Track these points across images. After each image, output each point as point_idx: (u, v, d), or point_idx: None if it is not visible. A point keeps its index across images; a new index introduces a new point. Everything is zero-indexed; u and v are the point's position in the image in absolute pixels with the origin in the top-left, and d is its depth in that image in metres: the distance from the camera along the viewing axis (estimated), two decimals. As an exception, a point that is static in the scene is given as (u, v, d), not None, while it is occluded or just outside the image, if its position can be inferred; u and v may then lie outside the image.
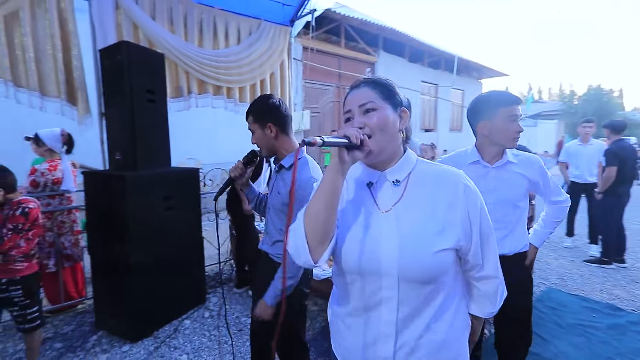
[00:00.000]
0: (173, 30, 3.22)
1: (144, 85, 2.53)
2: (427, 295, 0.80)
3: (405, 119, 0.87)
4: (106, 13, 2.80)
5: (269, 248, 1.49)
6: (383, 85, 0.86)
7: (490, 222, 0.88)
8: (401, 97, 0.88)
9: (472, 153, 1.53)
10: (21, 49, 2.45)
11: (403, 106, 0.88)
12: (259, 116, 1.45)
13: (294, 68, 7.79)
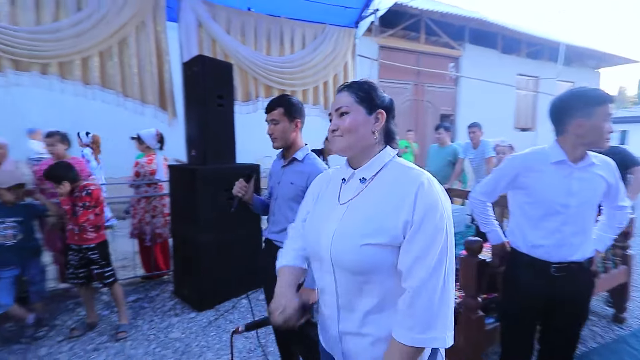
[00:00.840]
0: (244, 41, 3.62)
1: (215, 92, 2.92)
2: (362, 288, 0.83)
3: (381, 120, 0.90)
4: (191, 31, 3.32)
5: (277, 235, 1.63)
6: (360, 89, 0.91)
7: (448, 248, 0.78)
8: (380, 99, 0.91)
9: (556, 152, 1.41)
10: (128, 66, 3.09)
11: (381, 108, 0.91)
12: (291, 110, 1.59)
13: (368, 68, 7.84)
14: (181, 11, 3.28)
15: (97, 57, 2.97)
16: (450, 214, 0.81)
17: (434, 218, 0.77)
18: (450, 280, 0.78)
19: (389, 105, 0.93)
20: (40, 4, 2.75)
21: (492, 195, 1.60)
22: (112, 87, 3.06)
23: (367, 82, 0.93)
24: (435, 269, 0.75)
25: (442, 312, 0.75)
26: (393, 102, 0.95)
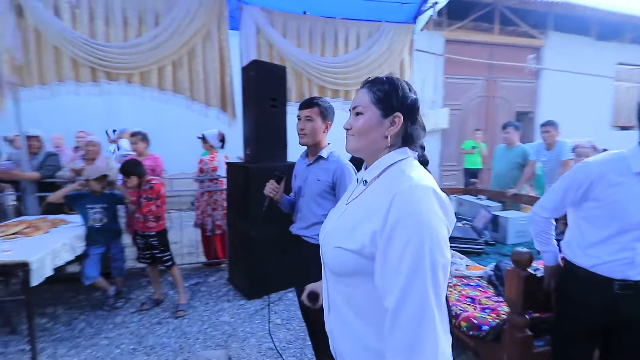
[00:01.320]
0: (299, 44, 3.75)
1: (268, 94, 3.09)
2: (342, 291, 0.82)
3: (397, 124, 0.83)
4: (250, 37, 3.55)
5: (305, 231, 1.67)
6: (379, 88, 0.85)
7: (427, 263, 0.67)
8: (400, 101, 0.83)
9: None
10: (195, 73, 3.43)
11: (400, 110, 0.83)
12: (326, 112, 1.65)
13: (432, 64, 7.47)
14: (242, 19, 3.53)
15: (170, 66, 3.35)
16: (437, 227, 0.69)
17: (406, 229, 0.68)
18: (434, 301, 0.66)
19: (410, 108, 0.84)
20: (127, 22, 3.21)
21: (558, 210, 1.40)
22: (181, 92, 3.43)
23: (388, 81, 0.86)
24: (408, 288, 0.66)
25: (427, 336, 0.66)
26: (416, 103, 0.86)
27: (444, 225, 0.71)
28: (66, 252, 2.44)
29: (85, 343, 2.42)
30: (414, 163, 0.84)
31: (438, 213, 0.71)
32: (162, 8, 3.27)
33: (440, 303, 0.68)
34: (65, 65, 3.08)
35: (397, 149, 0.86)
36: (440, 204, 0.72)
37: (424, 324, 0.65)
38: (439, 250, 0.68)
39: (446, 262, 0.69)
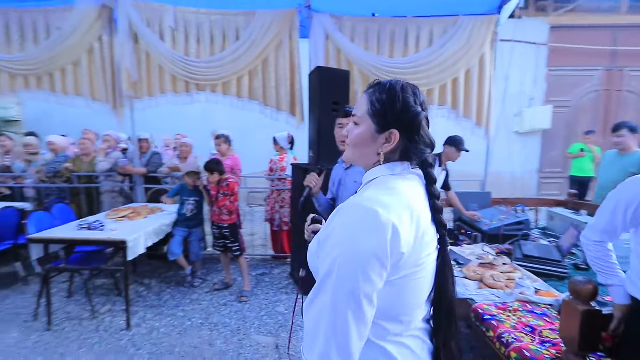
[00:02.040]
0: (367, 47, 3.74)
1: (330, 98, 3.18)
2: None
3: (393, 141, 0.78)
4: (319, 44, 3.69)
5: None
6: (377, 98, 0.78)
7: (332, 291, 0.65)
8: (396, 115, 0.77)
9: None
10: (268, 80, 3.73)
11: (396, 126, 0.77)
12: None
13: (533, 55, 6.55)
14: (312, 27, 3.69)
15: (247, 75, 3.72)
16: (356, 245, 0.65)
17: (331, 242, 0.68)
18: (330, 314, 0.65)
19: (408, 123, 0.77)
20: (214, 39, 3.67)
21: (610, 233, 1.21)
22: (256, 99, 3.78)
23: (388, 89, 0.78)
24: (316, 297, 0.68)
25: (322, 341, 0.65)
26: (416, 118, 0.77)
27: (371, 249, 0.65)
28: (155, 235, 2.95)
29: (166, 312, 2.89)
30: (391, 181, 0.77)
31: (366, 235, 0.65)
32: (241, 23, 3.65)
33: (339, 320, 0.64)
34: (166, 80, 3.70)
35: (389, 162, 0.81)
36: (380, 228, 0.65)
37: (326, 332, 0.65)
38: (353, 271, 0.64)
39: (356, 287, 0.64)
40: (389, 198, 0.70)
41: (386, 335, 0.74)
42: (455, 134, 3.22)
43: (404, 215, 0.69)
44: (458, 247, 3.04)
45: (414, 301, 0.75)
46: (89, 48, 3.61)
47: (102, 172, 3.95)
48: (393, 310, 0.73)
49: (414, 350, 0.78)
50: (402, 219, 0.68)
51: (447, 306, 0.80)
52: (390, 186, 0.75)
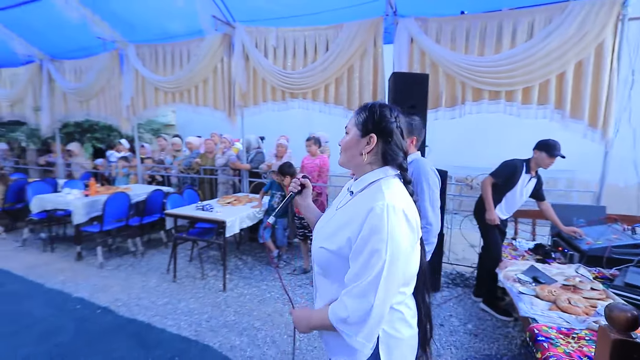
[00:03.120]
0: (454, 47, 3.61)
1: (407, 102, 3.25)
2: (321, 282, 1.05)
3: (372, 144, 1.00)
4: (403, 48, 3.75)
5: None
6: (361, 112, 1.04)
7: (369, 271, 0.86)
8: (374, 123, 0.99)
9: None
10: (353, 86, 4.00)
11: (374, 132, 1.00)
12: (409, 127, 1.81)
13: None
14: (397, 33, 3.78)
15: (333, 83, 4.08)
16: (398, 242, 0.87)
17: (373, 241, 0.86)
18: (384, 300, 0.87)
19: (383, 130, 1.00)
20: (307, 52, 4.14)
21: None
22: (341, 104, 4.10)
23: (369, 108, 1.03)
24: (369, 287, 0.86)
25: (369, 325, 0.88)
26: (390, 127, 1.00)
27: (408, 239, 0.90)
28: (249, 220, 3.59)
29: (254, 283, 3.50)
30: (392, 182, 0.99)
31: (402, 228, 0.89)
32: (331, 36, 4.02)
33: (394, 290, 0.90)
34: (268, 91, 4.37)
35: (378, 167, 1.03)
36: (407, 222, 0.90)
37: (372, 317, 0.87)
38: (397, 257, 0.87)
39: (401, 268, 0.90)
40: (402, 196, 0.95)
41: (400, 302, 0.99)
42: (548, 138, 2.87)
43: (412, 206, 0.96)
44: (543, 265, 2.72)
45: (414, 270, 1.01)
46: (214, 69, 4.57)
47: (219, 167, 4.92)
48: (405, 279, 0.98)
49: (410, 307, 1.04)
50: (414, 213, 0.95)
51: (425, 278, 1.07)
52: (393, 185, 0.98)
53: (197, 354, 2.37)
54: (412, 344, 1.04)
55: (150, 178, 5.65)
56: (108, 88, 5.48)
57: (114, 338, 2.56)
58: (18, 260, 4.09)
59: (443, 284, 3.57)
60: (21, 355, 2.36)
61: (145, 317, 2.84)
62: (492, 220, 2.97)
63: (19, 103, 6.32)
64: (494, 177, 3.01)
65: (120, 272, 3.78)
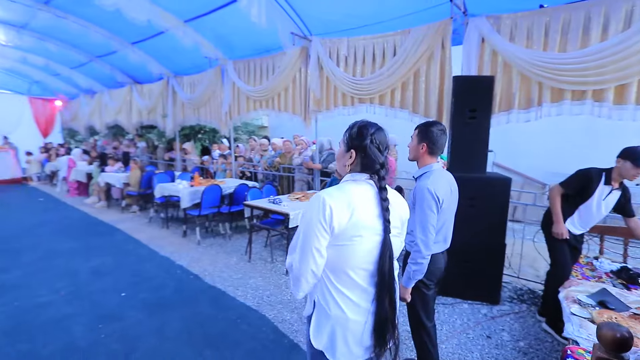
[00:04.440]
0: (530, 44, 3.34)
1: (467, 106, 3.18)
2: None
3: (352, 157, 1.24)
4: (472, 49, 3.63)
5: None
6: (346, 132, 1.29)
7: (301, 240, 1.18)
8: (351, 141, 1.24)
9: None
10: (418, 90, 4.03)
11: (352, 148, 1.24)
12: (421, 133, 1.91)
13: None
14: (466, 33, 3.67)
15: (399, 88, 4.18)
16: (309, 220, 1.15)
17: (302, 218, 1.22)
18: (300, 258, 1.17)
19: (358, 146, 1.23)
20: (375, 59, 4.33)
21: None
22: (406, 107, 4.17)
23: (352, 127, 1.27)
24: (298, 246, 1.20)
25: (293, 274, 1.21)
26: (364, 144, 1.21)
27: (316, 216, 1.13)
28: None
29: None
30: (343, 185, 1.24)
31: (314, 211, 1.14)
32: (398, 42, 4.12)
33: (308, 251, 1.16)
34: (339, 97, 4.71)
35: (356, 173, 1.26)
36: (321, 205, 1.13)
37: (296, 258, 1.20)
38: (308, 227, 1.16)
39: (311, 241, 1.15)
40: (336, 192, 1.19)
41: (331, 281, 1.22)
42: (636, 145, 2.49)
43: (340, 204, 1.15)
44: (620, 290, 2.40)
45: (353, 262, 1.19)
46: (293, 78, 5.13)
47: (296, 166, 5.48)
48: (337, 265, 1.20)
49: (353, 300, 1.22)
50: (338, 205, 1.14)
51: (382, 273, 1.20)
52: (343, 187, 1.23)
53: (255, 320, 2.87)
54: (342, 324, 1.22)
55: (242, 173, 6.59)
56: (213, 97, 6.61)
57: (199, 298, 3.26)
58: (145, 233, 5.36)
59: (506, 298, 3.37)
60: (139, 298, 3.24)
61: (222, 286, 3.50)
62: (560, 235, 2.72)
63: (153, 111, 8.07)
64: (563, 186, 2.74)
65: (211, 250, 4.62)
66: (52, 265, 4.06)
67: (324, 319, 1.23)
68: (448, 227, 1.96)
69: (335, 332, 1.22)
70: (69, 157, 8.90)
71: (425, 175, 1.85)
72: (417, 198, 1.80)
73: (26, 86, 11.32)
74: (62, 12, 5.75)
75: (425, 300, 1.96)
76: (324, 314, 1.23)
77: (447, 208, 1.88)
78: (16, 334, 2.70)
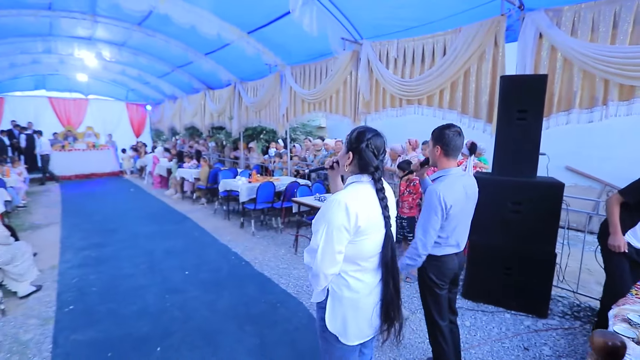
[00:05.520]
0: (595, 38, 3.05)
1: (515, 107, 3.04)
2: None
3: (350, 159, 1.40)
4: (528, 46, 3.42)
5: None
6: (347, 136, 1.45)
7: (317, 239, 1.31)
8: (349, 144, 1.40)
9: None
10: (468, 90, 3.91)
11: (350, 150, 1.40)
12: (435, 137, 1.95)
13: None
14: (522, 29, 3.47)
15: (448, 88, 4.10)
16: (332, 222, 1.26)
17: (319, 220, 1.32)
18: (322, 257, 1.29)
19: (354, 149, 1.39)
20: (424, 60, 4.30)
21: None
22: (454, 108, 4.08)
23: (351, 132, 1.43)
24: (314, 247, 1.32)
25: (314, 271, 1.33)
26: (359, 148, 1.37)
27: (341, 222, 1.27)
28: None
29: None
30: (357, 185, 1.39)
31: (341, 215, 1.27)
32: (449, 41, 4.05)
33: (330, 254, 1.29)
34: (387, 99, 4.77)
35: (356, 174, 1.43)
36: (345, 211, 1.27)
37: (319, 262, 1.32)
38: (331, 232, 1.28)
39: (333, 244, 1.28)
40: (354, 196, 1.34)
41: (348, 272, 1.40)
42: None
43: (361, 207, 1.32)
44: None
45: (364, 255, 1.38)
46: (344, 81, 5.31)
47: (345, 166, 5.66)
48: (351, 258, 1.38)
49: (364, 280, 1.41)
50: (360, 209, 1.30)
51: (386, 261, 1.40)
52: (355, 189, 1.38)
53: (292, 306, 3.15)
54: (354, 305, 1.39)
55: (296, 172, 6.99)
56: (272, 101, 7.12)
57: (247, 282, 3.65)
58: (209, 222, 6.04)
59: (557, 312, 3.13)
60: (198, 277, 3.77)
61: (269, 274, 3.86)
62: (616, 247, 2.48)
63: (222, 114, 8.94)
64: (623, 195, 2.49)
65: (264, 241, 5.05)
66: (135, 244, 4.86)
67: (338, 303, 1.40)
68: (460, 231, 1.98)
69: (348, 315, 1.39)
70: (154, 155, 10.31)
71: (440, 179, 1.91)
72: (425, 199, 1.88)
73: (124, 93, 13.36)
74: (151, 30, 6.75)
75: (437, 300, 2.01)
76: (338, 299, 1.40)
77: (459, 212, 1.90)
78: (107, 295, 3.37)
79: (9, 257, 3.18)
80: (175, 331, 2.77)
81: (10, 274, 3.20)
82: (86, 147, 11.50)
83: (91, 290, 3.48)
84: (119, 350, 2.54)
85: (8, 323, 2.89)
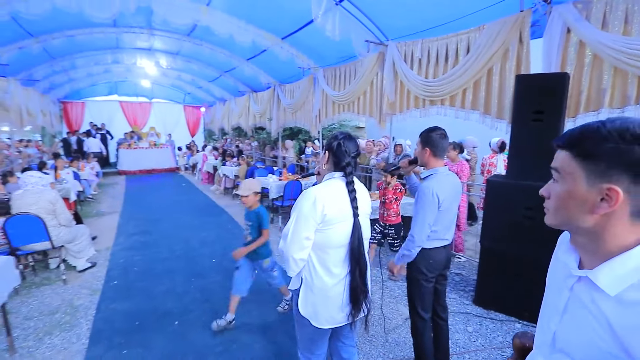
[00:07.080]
0: (629, 31, 2.79)
1: (531, 108, 2.91)
2: None
3: (326, 157, 1.63)
4: (554, 41, 3.22)
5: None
6: (328, 139, 1.67)
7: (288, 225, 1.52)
8: (327, 145, 1.62)
9: None
10: (491, 89, 3.77)
11: (327, 149, 1.62)
12: (423, 140, 2.04)
13: None
14: (548, 24, 3.28)
15: (471, 87, 3.98)
16: (301, 210, 1.49)
17: (294, 208, 1.55)
18: (291, 241, 1.50)
19: (331, 149, 1.60)
20: (448, 59, 4.22)
21: None
22: (477, 108, 3.95)
23: (331, 136, 1.63)
24: (289, 227, 1.53)
25: (285, 255, 1.53)
26: (333, 147, 1.59)
27: (310, 210, 1.48)
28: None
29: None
30: (331, 181, 1.58)
31: (308, 204, 1.48)
32: (472, 39, 3.93)
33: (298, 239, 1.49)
34: (411, 99, 4.75)
35: (331, 171, 1.62)
36: (313, 201, 1.48)
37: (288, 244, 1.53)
38: (300, 219, 1.50)
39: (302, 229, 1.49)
40: (324, 189, 1.55)
41: (316, 259, 1.58)
42: None
43: (328, 198, 1.52)
44: None
45: (332, 243, 1.55)
46: (370, 83, 5.38)
47: (372, 166, 5.72)
48: (321, 245, 1.56)
49: (333, 272, 1.57)
50: (327, 200, 1.51)
51: (353, 249, 1.56)
52: (327, 184, 1.59)
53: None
54: (323, 294, 1.54)
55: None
56: (306, 102, 7.39)
57: (264, 272, 3.94)
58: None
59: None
60: (223, 265, 4.15)
61: (285, 266, 4.11)
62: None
63: (263, 115, 9.46)
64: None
65: (288, 236, 5.33)
66: (176, 233, 5.45)
67: (309, 291, 1.57)
68: (448, 225, 2.08)
69: (317, 302, 1.57)
70: (203, 153, 11.22)
71: (431, 177, 2.01)
72: (419, 196, 1.97)
73: (182, 97, 14.67)
74: (198, 40, 7.42)
75: (421, 292, 2.07)
76: (309, 288, 1.57)
77: (448, 207, 2.01)
78: (143, 275, 3.89)
79: (71, 237, 3.83)
80: (193, 309, 3.14)
81: (70, 251, 3.86)
82: (148, 146, 12.88)
83: (133, 269, 4.04)
84: (145, 320, 2.97)
85: (67, 291, 3.51)
